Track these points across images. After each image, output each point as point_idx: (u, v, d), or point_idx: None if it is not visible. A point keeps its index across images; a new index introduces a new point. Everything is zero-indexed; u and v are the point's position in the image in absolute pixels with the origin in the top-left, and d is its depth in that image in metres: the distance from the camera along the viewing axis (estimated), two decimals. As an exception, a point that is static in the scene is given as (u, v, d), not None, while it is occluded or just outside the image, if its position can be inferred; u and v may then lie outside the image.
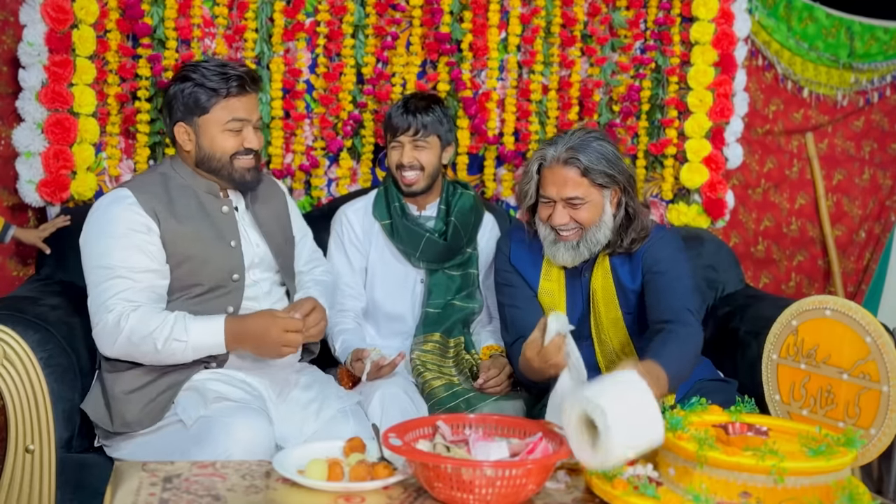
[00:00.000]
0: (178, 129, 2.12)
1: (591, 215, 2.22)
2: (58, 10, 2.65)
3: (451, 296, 2.55)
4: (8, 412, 1.96)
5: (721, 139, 3.13)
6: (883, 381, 1.51)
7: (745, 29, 3.14)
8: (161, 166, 2.21)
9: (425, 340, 2.47)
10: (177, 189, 2.12)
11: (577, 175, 2.19)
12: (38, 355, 1.99)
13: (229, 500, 1.46)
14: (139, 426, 1.99)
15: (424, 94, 2.69)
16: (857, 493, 1.38)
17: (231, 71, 2.09)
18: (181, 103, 2.10)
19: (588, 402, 1.41)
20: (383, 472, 1.52)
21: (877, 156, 3.73)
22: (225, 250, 2.11)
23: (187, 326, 1.97)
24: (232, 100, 2.09)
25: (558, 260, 2.28)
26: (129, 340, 1.95)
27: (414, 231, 2.53)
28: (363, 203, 2.64)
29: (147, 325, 1.94)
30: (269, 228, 2.24)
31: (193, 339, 1.96)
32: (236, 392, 2.01)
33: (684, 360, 2.07)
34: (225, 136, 2.10)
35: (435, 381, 2.30)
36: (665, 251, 2.28)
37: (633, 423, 1.39)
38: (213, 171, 2.14)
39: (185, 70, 2.11)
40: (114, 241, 2.00)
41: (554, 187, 2.21)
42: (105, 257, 2.00)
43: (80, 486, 2.01)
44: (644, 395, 1.43)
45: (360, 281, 2.59)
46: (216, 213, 2.14)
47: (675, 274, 2.24)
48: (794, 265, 3.68)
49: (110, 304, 1.96)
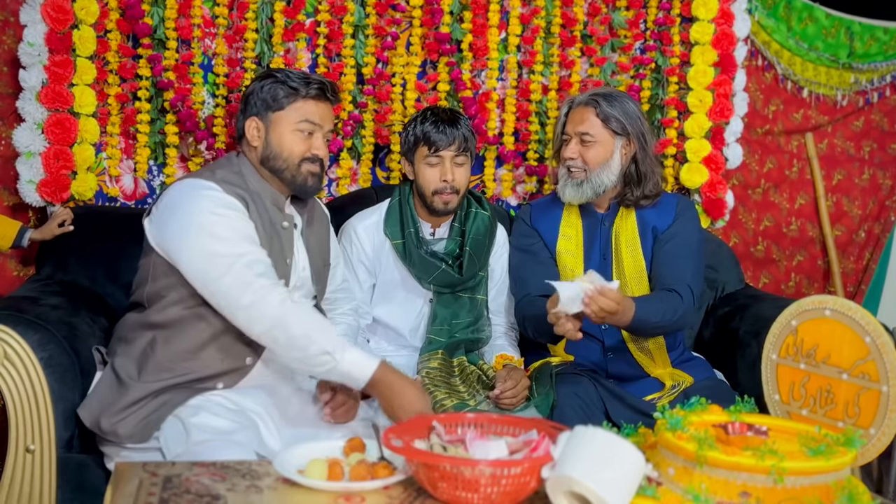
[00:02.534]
0: (249, 124, 2.10)
1: (599, 156, 2.39)
2: (58, 10, 2.65)
3: (456, 319, 2.52)
4: (8, 412, 1.95)
5: (721, 139, 3.13)
6: (882, 381, 1.51)
7: (744, 29, 3.14)
8: (231, 163, 2.13)
9: (430, 357, 2.44)
10: (249, 192, 2.05)
11: (594, 115, 2.40)
12: (38, 355, 1.98)
13: (229, 500, 1.46)
14: (129, 440, 1.97)
15: (447, 108, 2.60)
16: (857, 493, 1.38)
17: (314, 77, 2.12)
18: (259, 98, 2.09)
19: (571, 483, 1.36)
20: (383, 472, 1.52)
21: (876, 156, 3.73)
22: (280, 266, 2.06)
23: (345, 347, 1.88)
24: (309, 102, 2.09)
25: (566, 196, 2.45)
26: (281, 324, 1.87)
27: (428, 261, 2.48)
28: (374, 219, 2.57)
29: (309, 324, 1.88)
30: (314, 252, 2.20)
31: (345, 364, 1.88)
32: (222, 423, 1.94)
33: (657, 312, 2.23)
34: (295, 136, 2.08)
35: (446, 401, 2.25)
36: (693, 230, 2.45)
37: (618, 481, 1.36)
38: (276, 172, 2.10)
39: (269, 69, 2.16)
40: (214, 218, 1.93)
41: (571, 124, 2.43)
42: (214, 241, 1.91)
43: (81, 486, 2.01)
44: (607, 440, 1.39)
45: (367, 298, 2.56)
46: (279, 227, 2.10)
47: (691, 252, 2.40)
48: (793, 265, 3.68)
49: (262, 283, 1.87)
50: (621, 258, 2.42)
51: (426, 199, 2.49)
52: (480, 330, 2.57)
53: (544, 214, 2.55)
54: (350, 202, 2.84)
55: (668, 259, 2.37)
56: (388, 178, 3.07)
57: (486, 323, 2.59)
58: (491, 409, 2.30)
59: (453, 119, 2.48)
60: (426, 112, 2.52)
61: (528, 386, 2.35)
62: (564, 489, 1.37)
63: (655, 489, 1.42)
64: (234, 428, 1.93)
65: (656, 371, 2.44)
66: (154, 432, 1.97)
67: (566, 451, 1.39)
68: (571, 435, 1.41)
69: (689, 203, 2.53)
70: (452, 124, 2.45)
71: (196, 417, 1.94)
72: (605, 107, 2.38)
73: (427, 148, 2.45)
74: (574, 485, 1.34)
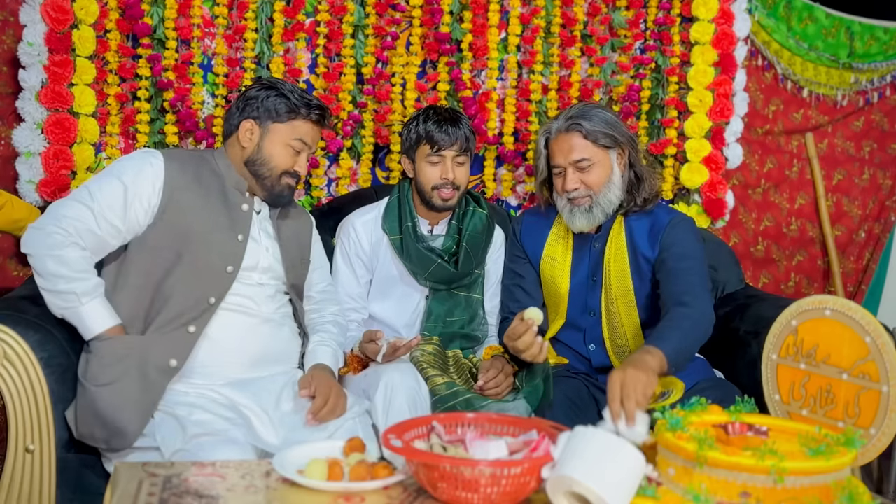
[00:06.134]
0: (245, 124, 2.19)
1: (600, 177, 2.33)
2: (58, 10, 2.65)
3: (451, 317, 2.53)
4: (8, 412, 1.95)
5: (721, 139, 3.13)
6: (882, 381, 1.51)
7: (745, 29, 3.14)
8: (203, 151, 2.29)
9: (426, 342, 2.46)
10: (208, 172, 2.17)
11: (581, 138, 2.32)
12: (38, 355, 1.99)
13: (229, 500, 1.46)
14: (135, 436, 1.97)
15: (448, 107, 2.61)
16: (857, 493, 1.38)
17: (315, 101, 2.23)
18: (262, 104, 2.18)
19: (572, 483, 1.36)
20: (383, 472, 1.52)
21: (877, 156, 3.73)
22: (229, 241, 2.12)
23: (93, 296, 2.01)
24: (308, 123, 2.21)
25: (575, 226, 2.37)
26: (56, 262, 1.99)
27: (425, 255, 2.50)
28: (373, 215, 2.60)
29: (73, 267, 1.99)
30: (287, 241, 2.26)
31: (87, 308, 2.00)
32: (218, 421, 1.97)
33: (686, 339, 2.04)
34: (286, 150, 2.19)
35: (437, 379, 2.29)
36: (686, 234, 2.34)
37: (618, 481, 1.36)
38: (257, 175, 2.19)
39: (274, 80, 2.24)
40: (115, 181, 2.06)
41: (561, 154, 2.34)
42: (97, 186, 2.06)
43: (81, 487, 2.01)
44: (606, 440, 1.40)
45: (364, 293, 2.58)
46: (235, 206, 2.17)
47: (694, 257, 2.28)
48: (793, 265, 3.68)
49: (66, 225, 2.00)
50: (610, 282, 2.38)
51: (426, 196, 2.51)
52: (476, 328, 2.58)
53: (532, 230, 2.52)
54: (350, 202, 2.84)
55: (675, 274, 2.25)
56: (388, 177, 3.06)
57: (481, 323, 2.60)
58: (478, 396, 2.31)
59: (455, 119, 2.49)
60: (428, 111, 2.54)
61: (511, 374, 2.36)
62: (564, 489, 1.37)
63: (655, 489, 1.42)
64: (227, 426, 1.96)
65: None
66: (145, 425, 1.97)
67: (566, 451, 1.39)
68: (571, 435, 1.41)
69: (680, 218, 2.41)
70: (454, 124, 2.47)
71: (190, 414, 1.97)
72: (588, 125, 2.31)
73: (429, 147, 2.47)
74: (574, 485, 1.34)
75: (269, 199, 2.24)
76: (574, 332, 2.46)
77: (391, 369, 2.23)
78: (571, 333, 2.47)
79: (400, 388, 2.17)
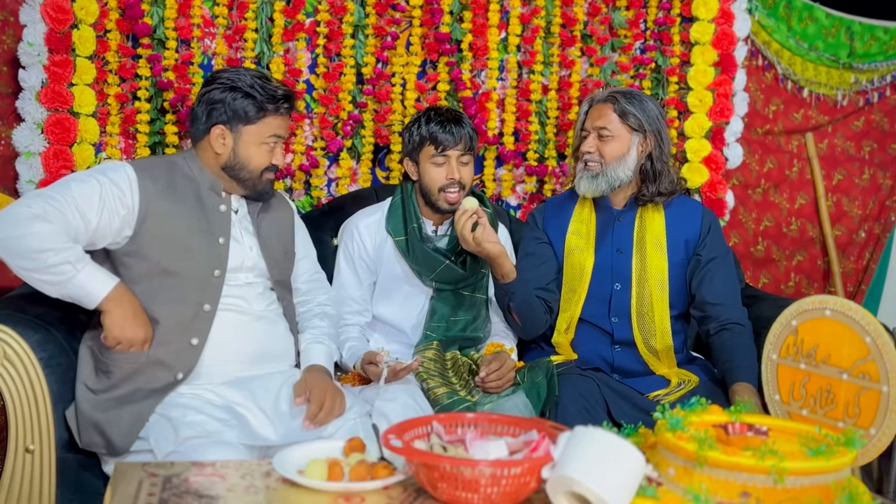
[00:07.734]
0: (215, 131, 2.13)
1: (615, 151, 2.45)
2: (58, 10, 2.65)
3: (454, 317, 2.53)
4: (8, 412, 1.95)
5: (721, 139, 3.13)
6: (883, 381, 1.51)
7: (745, 29, 3.14)
8: (173, 155, 2.24)
9: (426, 348, 2.45)
10: (181, 178, 2.13)
11: (612, 111, 2.46)
12: (38, 355, 1.99)
13: (229, 500, 1.46)
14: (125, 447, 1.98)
15: (448, 108, 2.61)
16: (857, 493, 1.38)
17: (279, 91, 2.15)
18: (228, 108, 2.12)
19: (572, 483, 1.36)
20: (383, 472, 1.52)
21: (877, 156, 3.73)
22: (211, 245, 2.10)
23: (86, 262, 1.93)
24: (278, 117, 2.16)
25: (581, 189, 2.50)
26: (36, 238, 1.89)
27: (432, 256, 2.48)
28: (376, 216, 2.58)
29: (55, 238, 1.90)
30: (268, 237, 2.24)
31: (84, 274, 1.92)
32: (211, 423, 1.96)
33: (756, 360, 2.25)
34: (261, 149, 2.15)
35: (438, 389, 2.27)
36: (722, 242, 2.56)
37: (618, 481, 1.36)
38: (237, 179, 2.16)
39: (230, 78, 2.13)
40: (91, 179, 2.00)
41: (590, 119, 2.50)
42: (75, 179, 2.01)
43: (80, 487, 2.01)
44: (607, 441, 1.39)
45: (368, 296, 2.57)
46: (212, 209, 2.14)
47: (727, 264, 2.51)
48: (793, 265, 3.68)
49: (48, 208, 1.92)
50: (645, 254, 2.47)
51: (431, 197, 2.50)
52: (478, 329, 2.57)
53: (557, 211, 2.61)
54: (350, 202, 2.84)
55: (714, 281, 2.46)
56: (388, 177, 3.06)
57: (484, 322, 2.60)
58: (481, 397, 2.31)
59: (457, 118, 2.50)
60: (429, 112, 2.53)
61: (513, 368, 2.36)
62: (564, 489, 1.37)
63: (655, 489, 1.42)
64: (221, 427, 1.95)
65: (661, 370, 2.45)
66: (136, 436, 1.98)
67: (566, 451, 1.39)
68: (571, 435, 1.41)
69: (713, 215, 2.61)
70: (457, 123, 2.48)
71: (184, 416, 1.96)
72: (624, 103, 2.45)
73: (434, 147, 2.46)
74: (574, 485, 1.34)
75: (253, 196, 2.22)
76: (598, 304, 2.49)
77: (397, 392, 2.20)
78: (594, 307, 2.49)
79: (404, 414, 2.13)
